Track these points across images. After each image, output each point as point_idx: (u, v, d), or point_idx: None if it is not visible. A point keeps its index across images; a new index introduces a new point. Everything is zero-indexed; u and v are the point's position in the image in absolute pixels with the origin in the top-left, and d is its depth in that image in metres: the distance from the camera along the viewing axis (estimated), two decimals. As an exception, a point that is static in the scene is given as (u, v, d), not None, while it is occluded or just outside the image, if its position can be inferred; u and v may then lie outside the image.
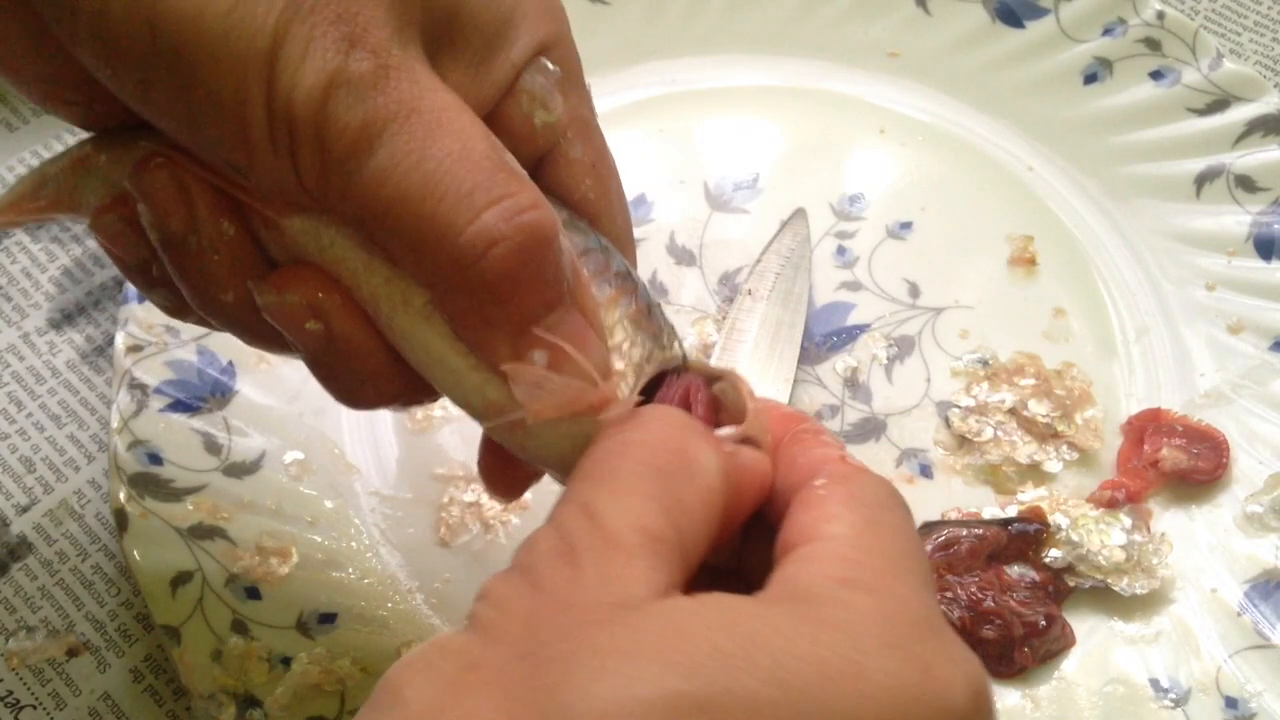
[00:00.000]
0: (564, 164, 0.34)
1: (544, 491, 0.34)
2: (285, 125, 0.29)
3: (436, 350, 0.31)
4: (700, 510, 0.28)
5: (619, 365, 0.32)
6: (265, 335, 0.33)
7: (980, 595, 0.47)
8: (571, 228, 0.33)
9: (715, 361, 0.52)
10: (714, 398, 0.33)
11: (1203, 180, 0.57)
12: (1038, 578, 0.48)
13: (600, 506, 0.27)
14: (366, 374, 0.33)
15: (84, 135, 0.35)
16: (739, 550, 0.32)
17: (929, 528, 0.49)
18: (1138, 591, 0.48)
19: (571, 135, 0.34)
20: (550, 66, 0.33)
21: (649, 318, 0.33)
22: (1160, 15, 0.60)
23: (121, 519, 0.47)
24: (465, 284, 0.29)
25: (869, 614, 0.25)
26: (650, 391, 0.33)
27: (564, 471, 0.32)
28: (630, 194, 0.59)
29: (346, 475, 0.51)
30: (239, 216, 0.32)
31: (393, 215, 0.29)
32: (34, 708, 0.47)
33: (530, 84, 0.33)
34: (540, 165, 0.34)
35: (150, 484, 0.48)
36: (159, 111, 0.30)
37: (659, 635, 0.24)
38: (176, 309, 0.35)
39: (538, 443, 0.32)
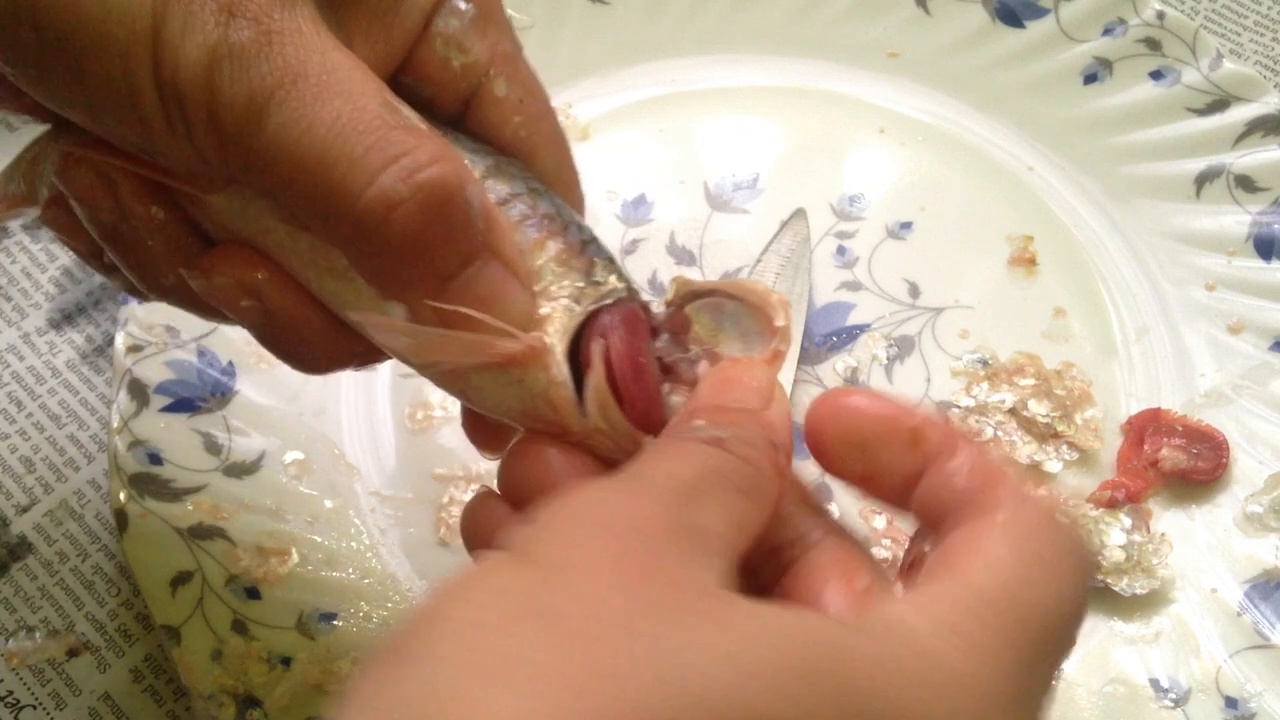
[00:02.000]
0: (490, 104, 0.33)
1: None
2: (176, 105, 0.28)
3: (366, 309, 0.31)
4: (750, 534, 0.27)
5: (545, 309, 0.31)
6: (215, 311, 0.33)
7: (980, 595, 0.47)
8: (496, 173, 0.32)
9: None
10: (683, 319, 0.32)
11: (1203, 180, 0.57)
12: (1038, 578, 0.48)
13: (690, 491, 0.26)
14: (311, 341, 0.33)
15: None
16: None
17: (929, 528, 0.49)
18: (1138, 591, 0.48)
19: (495, 73, 0.33)
20: (462, 6, 0.32)
21: (580, 255, 0.32)
22: (1160, 15, 0.59)
23: (121, 519, 0.47)
24: (373, 248, 0.29)
25: (954, 674, 0.24)
26: None
27: (528, 427, 0.32)
28: (630, 194, 0.59)
29: (346, 475, 0.51)
30: (167, 200, 0.32)
31: (293, 185, 0.29)
32: (34, 708, 0.47)
33: (443, 27, 0.32)
34: (466, 107, 0.34)
35: (150, 484, 0.48)
36: (61, 103, 0.30)
37: (751, 639, 0.23)
38: (136, 291, 0.35)
39: (482, 396, 0.32)
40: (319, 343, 0.33)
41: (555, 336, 0.31)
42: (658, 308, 0.33)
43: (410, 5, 0.32)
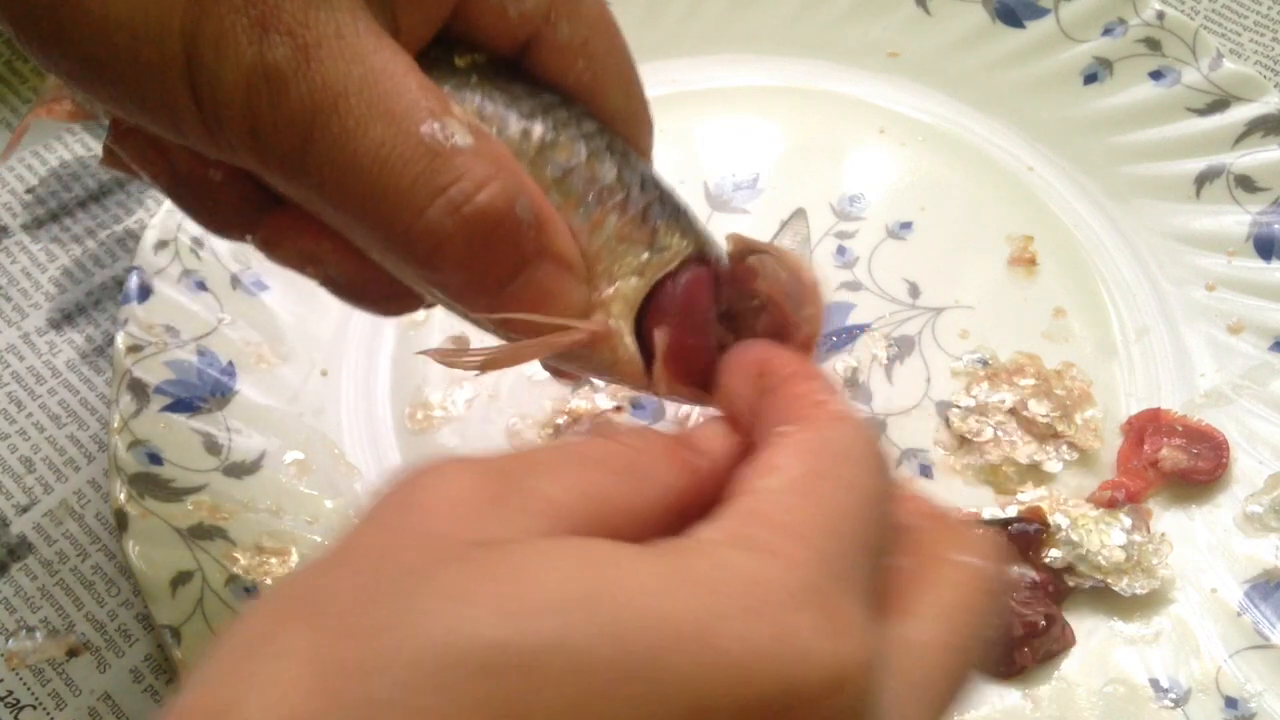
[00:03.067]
0: (551, 49, 0.31)
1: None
2: (218, 126, 0.28)
3: (430, 293, 0.32)
4: (616, 508, 0.26)
5: (609, 291, 0.31)
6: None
7: (980, 595, 0.47)
8: (554, 138, 0.31)
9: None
10: (747, 269, 0.32)
11: (1203, 180, 0.57)
12: (1038, 578, 0.48)
13: (536, 465, 0.25)
14: (378, 296, 0.33)
15: None
16: None
17: (929, 528, 0.49)
18: (1138, 591, 0.48)
19: (555, 16, 0.31)
20: None
21: (641, 224, 0.32)
22: (1160, 15, 0.60)
23: (121, 519, 0.47)
24: (424, 272, 0.29)
25: (743, 575, 0.22)
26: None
27: (599, 377, 0.33)
28: (630, 194, 0.59)
29: (346, 475, 0.51)
30: (225, 164, 0.31)
31: (339, 207, 0.28)
32: (34, 708, 0.47)
33: None
34: (526, 49, 0.32)
35: (150, 484, 0.48)
36: (101, 105, 0.29)
37: (502, 578, 0.21)
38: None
39: (554, 360, 0.33)
40: (386, 297, 0.33)
41: (620, 317, 0.31)
42: (727, 252, 0.33)
43: None
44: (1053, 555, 0.48)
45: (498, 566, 0.22)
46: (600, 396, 0.53)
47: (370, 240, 0.29)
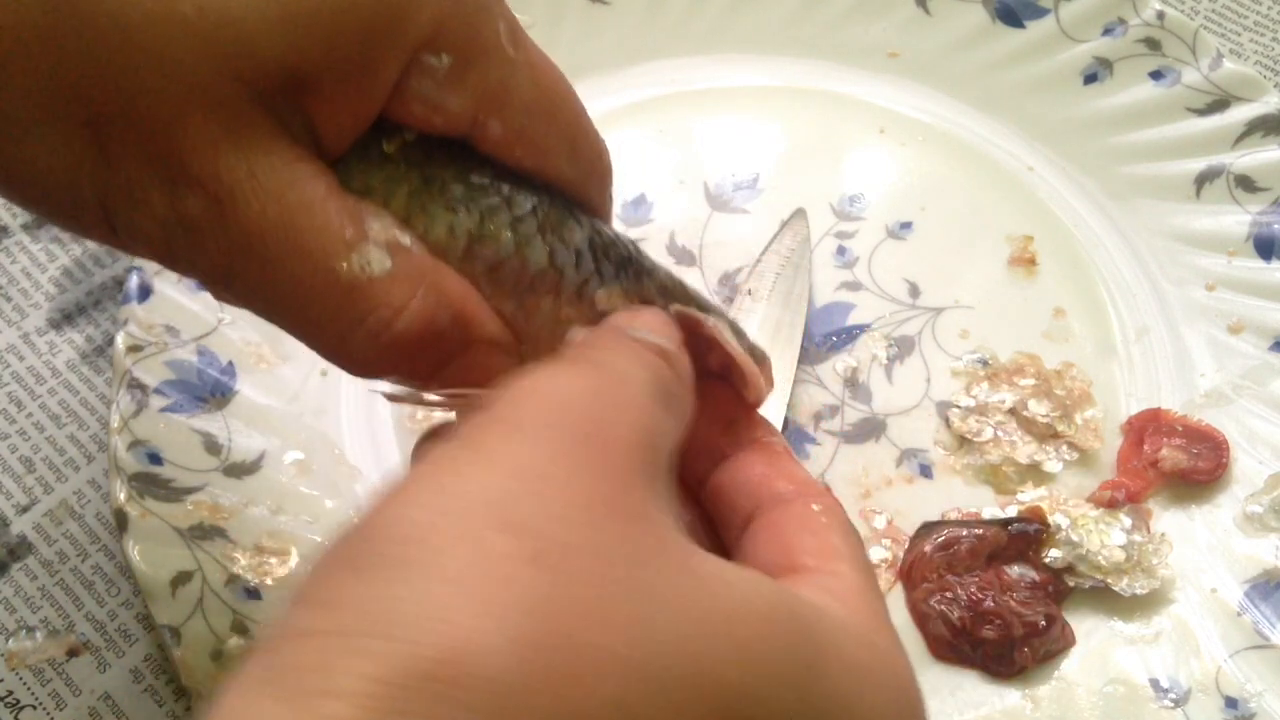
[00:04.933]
0: (487, 143, 0.31)
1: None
2: (140, 253, 0.29)
3: None
4: (668, 451, 0.27)
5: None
6: None
7: (980, 595, 0.47)
8: (480, 232, 0.30)
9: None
10: (692, 320, 0.33)
11: (1203, 180, 0.57)
12: (1038, 578, 0.48)
13: (655, 397, 0.26)
14: None
15: None
16: None
17: (929, 528, 0.49)
18: (1138, 591, 0.48)
19: (483, 117, 0.30)
20: (434, 62, 0.29)
21: (577, 300, 0.31)
22: (1160, 15, 0.60)
23: (121, 519, 0.47)
24: (361, 375, 0.31)
25: (894, 680, 0.26)
26: None
27: None
28: (630, 194, 0.59)
29: (347, 476, 0.51)
30: None
31: (270, 320, 0.30)
32: (34, 708, 0.47)
33: (417, 89, 0.29)
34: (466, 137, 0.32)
35: (150, 484, 0.48)
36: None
37: (728, 609, 0.22)
38: None
39: None
40: None
41: None
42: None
43: (374, 81, 0.28)
44: (1053, 555, 0.48)
45: (713, 582, 0.23)
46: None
47: (310, 347, 0.30)
